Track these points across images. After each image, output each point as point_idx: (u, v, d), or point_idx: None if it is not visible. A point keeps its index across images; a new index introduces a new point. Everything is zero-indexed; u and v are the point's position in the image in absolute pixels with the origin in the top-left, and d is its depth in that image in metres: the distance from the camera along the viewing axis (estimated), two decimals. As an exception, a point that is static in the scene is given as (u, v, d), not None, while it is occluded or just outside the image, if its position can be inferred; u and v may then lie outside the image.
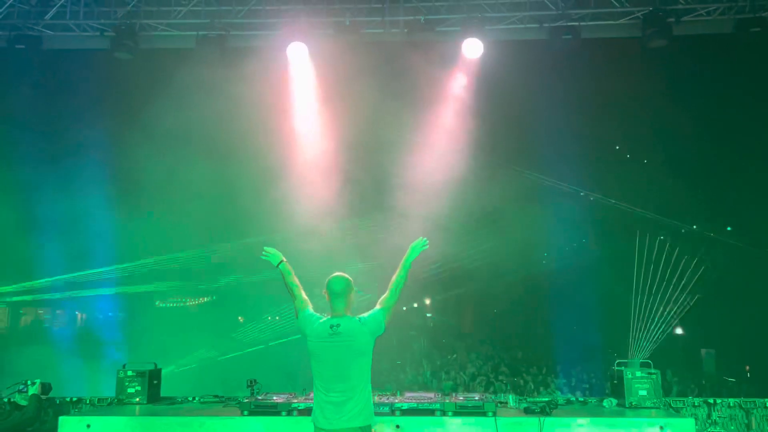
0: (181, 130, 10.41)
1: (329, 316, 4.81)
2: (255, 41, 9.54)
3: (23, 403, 6.02)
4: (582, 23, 9.23)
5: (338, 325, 4.71)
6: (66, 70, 11.61)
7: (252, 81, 9.32)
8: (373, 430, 4.81)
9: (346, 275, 4.92)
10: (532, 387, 13.99)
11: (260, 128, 10.24)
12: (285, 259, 5.04)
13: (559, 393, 13.42)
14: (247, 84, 9.32)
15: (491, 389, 13.94)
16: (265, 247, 5.15)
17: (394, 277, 4.87)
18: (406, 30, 9.33)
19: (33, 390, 6.07)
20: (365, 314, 4.81)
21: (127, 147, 12.18)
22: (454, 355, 19.05)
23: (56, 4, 9.40)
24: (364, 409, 4.71)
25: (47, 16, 9.46)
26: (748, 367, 19.97)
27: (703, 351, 22.06)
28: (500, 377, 15.36)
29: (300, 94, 10.23)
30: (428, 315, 26.70)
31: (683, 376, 16.54)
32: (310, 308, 4.93)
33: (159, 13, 9.52)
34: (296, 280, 5.02)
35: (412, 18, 9.31)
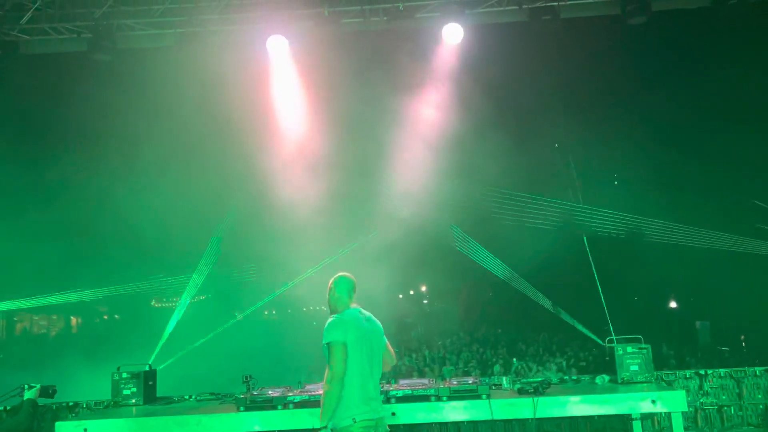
0: (164, 129, 10.36)
1: (351, 308, 4.82)
2: (234, 36, 9.43)
3: None
4: (561, 3, 9.15)
5: (363, 313, 4.83)
6: (45, 74, 11.51)
7: (232, 76, 9.29)
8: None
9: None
10: (529, 368, 14.08)
11: (242, 123, 10.20)
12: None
13: (554, 372, 13.52)
14: (228, 79, 9.29)
15: (488, 372, 14.05)
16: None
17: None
18: (386, 18, 9.27)
19: (29, 394, 5.92)
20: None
21: (110, 149, 12.13)
22: (449, 340, 19.14)
23: (31, 8, 9.26)
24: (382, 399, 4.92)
25: (22, 21, 9.31)
26: (743, 337, 20.18)
27: (697, 323, 22.25)
28: (495, 359, 15.45)
29: (281, 87, 10.17)
30: (424, 301, 26.83)
31: (678, 350, 16.68)
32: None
33: (136, 13, 9.35)
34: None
35: (391, 5, 9.23)
